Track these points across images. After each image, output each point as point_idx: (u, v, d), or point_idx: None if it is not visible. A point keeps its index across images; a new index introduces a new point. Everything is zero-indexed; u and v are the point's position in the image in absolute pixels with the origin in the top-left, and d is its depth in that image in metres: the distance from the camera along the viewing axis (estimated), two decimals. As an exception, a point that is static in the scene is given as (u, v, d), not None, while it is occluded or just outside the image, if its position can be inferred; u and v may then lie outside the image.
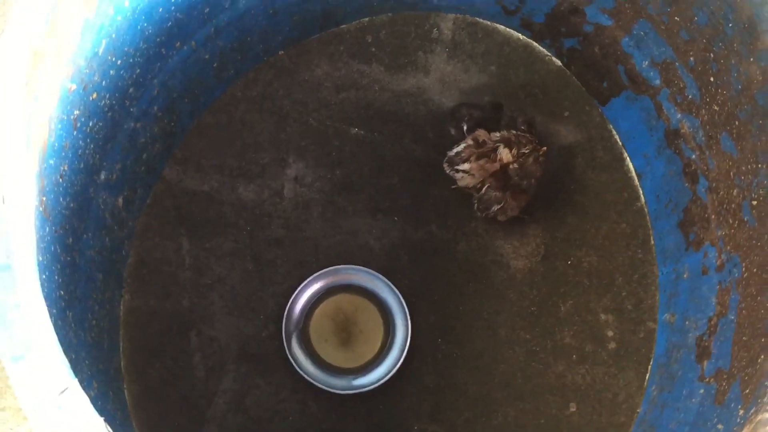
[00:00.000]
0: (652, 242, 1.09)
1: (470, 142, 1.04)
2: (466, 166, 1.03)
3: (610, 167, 1.12)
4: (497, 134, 1.05)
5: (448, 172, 1.06)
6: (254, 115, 1.13)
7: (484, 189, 1.04)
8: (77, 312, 0.86)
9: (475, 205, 1.06)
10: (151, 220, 1.09)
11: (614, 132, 1.13)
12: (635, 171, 1.12)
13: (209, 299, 1.07)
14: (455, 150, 1.06)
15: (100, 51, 0.82)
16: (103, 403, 0.87)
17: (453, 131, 1.10)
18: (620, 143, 1.13)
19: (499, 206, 1.03)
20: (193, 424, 1.03)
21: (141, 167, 1.04)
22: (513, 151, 1.02)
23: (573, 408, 1.05)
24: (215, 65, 1.07)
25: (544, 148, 1.05)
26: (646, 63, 1.02)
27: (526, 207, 1.06)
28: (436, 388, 1.05)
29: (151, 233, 1.08)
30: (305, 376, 1.01)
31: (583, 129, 1.14)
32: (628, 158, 1.12)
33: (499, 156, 1.03)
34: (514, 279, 1.09)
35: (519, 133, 1.05)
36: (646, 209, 1.10)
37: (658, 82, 1.02)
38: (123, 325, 1.05)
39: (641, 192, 1.10)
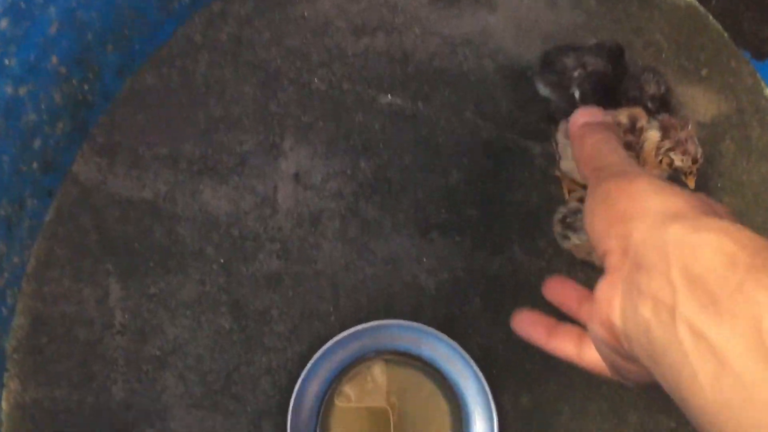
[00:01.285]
0: None
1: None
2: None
3: (777, 154, 0.75)
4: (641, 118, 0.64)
5: (558, 231, 0.67)
6: (225, 72, 0.70)
7: None
8: None
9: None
10: (54, 251, 0.65)
11: (785, 100, 0.76)
12: (810, 158, 0.75)
13: (159, 383, 0.64)
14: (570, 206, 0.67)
15: None
16: None
17: (548, 92, 0.70)
18: (784, 117, 0.76)
19: None
20: None
21: (31, 163, 0.60)
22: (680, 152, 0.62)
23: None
24: (162, -17, 0.64)
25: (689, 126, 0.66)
26: None
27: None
28: None
29: (54, 273, 0.65)
30: None
31: (731, 96, 0.76)
32: (797, 139, 0.75)
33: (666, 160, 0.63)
34: (646, 330, 0.70)
35: (664, 114, 0.66)
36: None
37: None
38: (7, 438, 0.62)
39: (831, 192, 0.74)
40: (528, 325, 0.52)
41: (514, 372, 0.69)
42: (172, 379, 0.65)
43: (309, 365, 0.63)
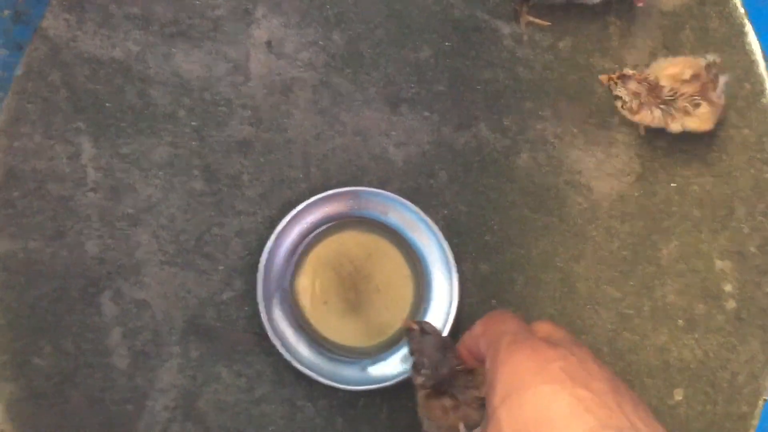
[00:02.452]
0: (792, 157, 0.78)
1: None
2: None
3: (728, 44, 0.79)
4: None
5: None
6: (202, -69, 0.70)
7: None
8: None
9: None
10: (24, 106, 0.65)
11: (745, -7, 0.79)
12: (762, 51, 0.79)
13: (132, 240, 0.66)
14: None
15: None
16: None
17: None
18: (742, 9, 0.80)
19: None
20: (113, 447, 0.64)
21: (2, 11, 0.59)
22: None
23: (679, 396, 0.75)
24: None
25: None
26: None
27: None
28: (490, 372, 0.71)
29: (25, 127, 0.65)
30: (293, 362, 0.65)
31: (694, -12, 0.79)
32: (751, 30, 0.79)
33: None
34: (599, 208, 0.75)
35: None
36: (783, 109, 0.78)
37: None
38: (-19, 286, 0.64)
39: (777, 84, 0.79)
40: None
41: (475, 242, 0.73)
42: (146, 236, 0.67)
43: (280, 226, 0.67)
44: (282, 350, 0.65)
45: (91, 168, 0.67)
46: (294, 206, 0.67)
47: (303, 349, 0.67)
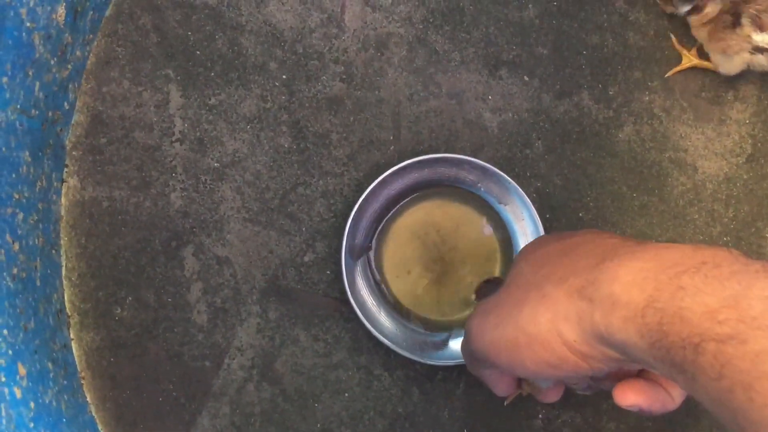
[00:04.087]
0: None
1: None
2: None
3: None
4: None
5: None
6: None
7: None
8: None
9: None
10: (114, 50, 0.64)
11: None
12: None
13: (216, 194, 0.65)
14: None
15: None
16: (40, 385, 0.48)
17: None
18: None
19: None
20: (190, 401, 0.64)
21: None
22: None
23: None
24: None
25: None
26: None
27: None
28: (574, 354, 0.69)
29: (114, 73, 0.64)
30: (373, 331, 0.64)
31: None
32: None
33: None
34: (703, 190, 0.71)
35: None
36: None
37: None
38: (66, 233, 0.63)
39: None
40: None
41: (568, 218, 0.70)
42: (230, 192, 0.66)
43: (367, 191, 0.65)
44: (362, 317, 0.64)
45: (179, 118, 0.66)
46: (382, 169, 0.65)
47: (383, 317, 0.66)
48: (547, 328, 0.44)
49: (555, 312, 0.44)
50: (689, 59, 0.71)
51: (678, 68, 0.71)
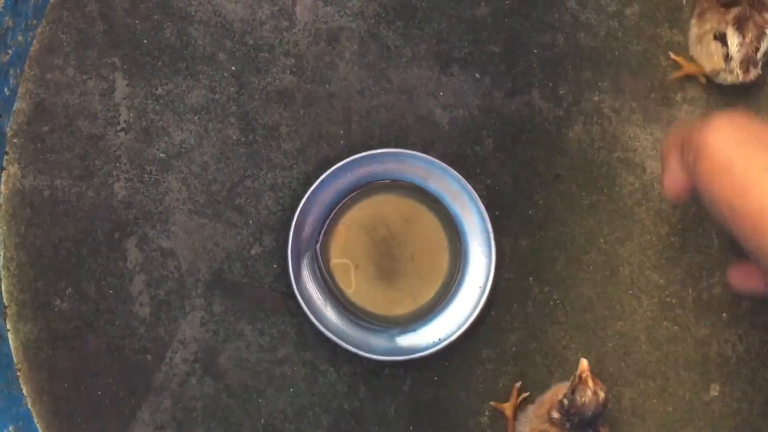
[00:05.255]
0: None
1: None
2: None
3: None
4: None
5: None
6: None
7: None
8: None
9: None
10: (58, 36, 0.63)
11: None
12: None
13: (162, 185, 0.65)
14: None
15: None
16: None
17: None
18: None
19: None
20: (130, 395, 0.63)
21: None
22: None
23: (715, 392, 0.73)
24: None
25: None
26: None
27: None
28: (521, 352, 0.70)
29: (59, 60, 0.63)
30: (318, 326, 0.63)
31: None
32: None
33: None
34: (651, 190, 0.72)
35: None
36: None
37: None
38: (5, 222, 0.62)
39: None
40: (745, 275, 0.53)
41: (517, 216, 0.70)
42: (176, 183, 0.65)
43: (315, 184, 0.64)
44: (308, 312, 0.64)
45: (124, 107, 0.65)
46: (332, 163, 0.65)
47: (330, 312, 0.66)
48: None
49: None
50: (690, 66, 0.71)
51: (680, 73, 0.72)
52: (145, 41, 0.66)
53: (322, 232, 0.67)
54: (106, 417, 0.63)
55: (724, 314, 0.73)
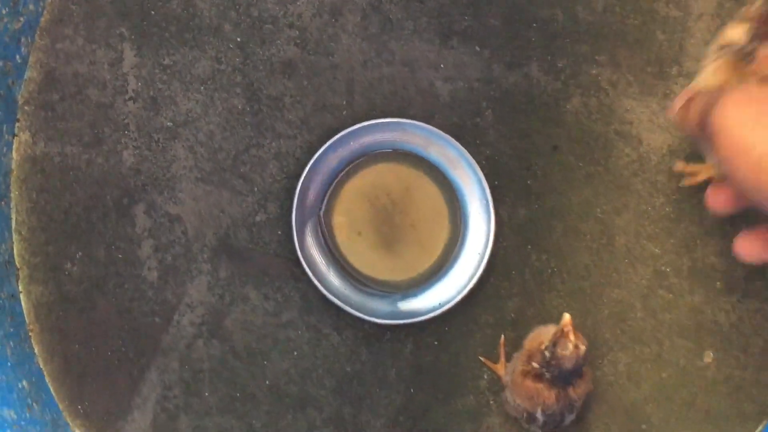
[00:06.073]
0: None
1: None
2: None
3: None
4: None
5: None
6: None
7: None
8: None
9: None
10: (68, 7, 0.65)
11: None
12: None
13: (169, 153, 0.66)
14: None
15: None
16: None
17: None
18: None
19: None
20: (139, 356, 0.65)
21: None
22: None
23: (708, 358, 0.74)
24: None
25: None
26: None
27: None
28: (519, 319, 0.71)
29: (68, 30, 0.65)
30: (323, 290, 0.65)
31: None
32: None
33: None
34: (647, 162, 0.74)
35: None
36: None
37: None
38: (17, 187, 0.64)
39: None
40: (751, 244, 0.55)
41: (516, 186, 0.72)
42: (183, 151, 0.67)
43: (319, 152, 0.66)
44: (312, 277, 0.66)
45: (132, 76, 0.67)
46: (335, 133, 0.67)
47: (333, 278, 0.68)
48: None
49: None
50: (704, 170, 0.72)
51: (693, 181, 0.73)
52: (153, 12, 0.67)
53: (326, 199, 0.69)
54: (116, 377, 0.65)
55: (717, 283, 0.75)
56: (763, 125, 0.46)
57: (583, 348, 0.62)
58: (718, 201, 0.58)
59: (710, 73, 0.59)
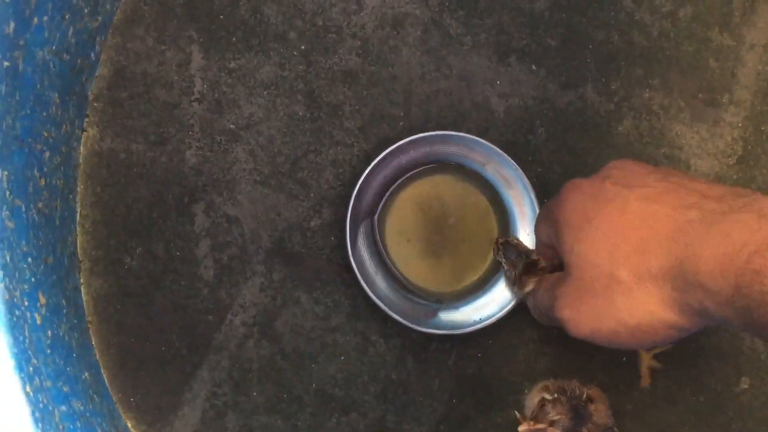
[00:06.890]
0: None
1: None
2: None
3: None
4: None
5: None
6: None
7: None
8: (23, 160, 0.46)
9: None
10: (140, 8, 0.67)
11: None
12: None
13: (230, 155, 0.68)
14: None
15: None
16: (56, 317, 0.51)
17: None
18: None
19: None
20: (192, 352, 0.67)
21: None
22: None
23: (745, 384, 0.75)
24: None
25: None
26: None
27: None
28: (561, 335, 0.72)
29: (139, 30, 0.67)
30: (372, 296, 0.66)
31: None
32: None
33: None
34: (694, 187, 0.75)
35: None
36: None
37: None
38: (82, 181, 0.66)
39: None
40: None
41: (565, 204, 0.73)
42: (243, 153, 0.69)
43: (376, 160, 0.67)
44: (363, 283, 0.67)
45: (199, 78, 0.68)
46: (391, 143, 0.68)
47: (382, 284, 0.69)
48: (648, 320, 0.48)
49: (651, 302, 0.48)
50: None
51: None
52: (222, 16, 0.69)
53: (379, 208, 0.70)
54: (168, 372, 0.66)
55: (758, 310, 0.76)
56: (584, 311, 0.53)
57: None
58: None
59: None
